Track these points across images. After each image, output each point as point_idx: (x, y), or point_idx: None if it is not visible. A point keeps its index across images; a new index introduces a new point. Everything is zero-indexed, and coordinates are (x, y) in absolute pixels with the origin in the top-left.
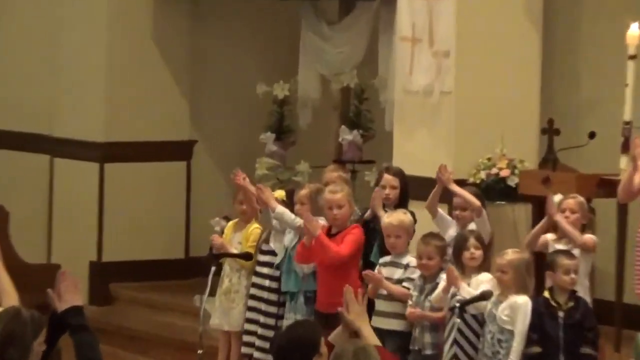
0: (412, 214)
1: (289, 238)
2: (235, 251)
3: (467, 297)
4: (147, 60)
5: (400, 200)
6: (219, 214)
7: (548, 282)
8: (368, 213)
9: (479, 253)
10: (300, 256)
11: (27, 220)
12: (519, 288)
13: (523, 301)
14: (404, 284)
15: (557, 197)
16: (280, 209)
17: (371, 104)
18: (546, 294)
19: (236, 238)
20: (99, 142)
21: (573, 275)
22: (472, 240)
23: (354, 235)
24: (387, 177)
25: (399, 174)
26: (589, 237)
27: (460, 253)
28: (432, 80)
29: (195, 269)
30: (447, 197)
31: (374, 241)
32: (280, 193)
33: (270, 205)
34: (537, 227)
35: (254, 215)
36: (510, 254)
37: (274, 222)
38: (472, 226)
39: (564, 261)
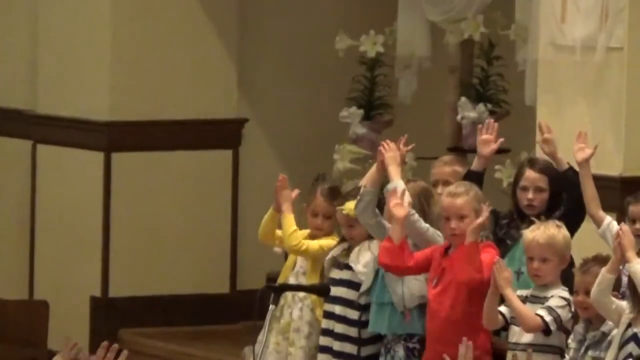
0: None
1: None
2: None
3: None
4: (168, 5)
5: (549, 207)
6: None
7: None
8: None
9: None
10: (387, 257)
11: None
12: None
13: None
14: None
15: None
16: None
17: (505, 66)
18: None
19: (304, 263)
20: (103, 122)
21: None
22: None
23: (491, 256)
24: (531, 175)
25: (548, 170)
26: None
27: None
28: (596, 30)
29: (245, 309)
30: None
31: None
32: (352, 207)
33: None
34: None
35: (331, 231)
36: None
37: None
38: None
39: None
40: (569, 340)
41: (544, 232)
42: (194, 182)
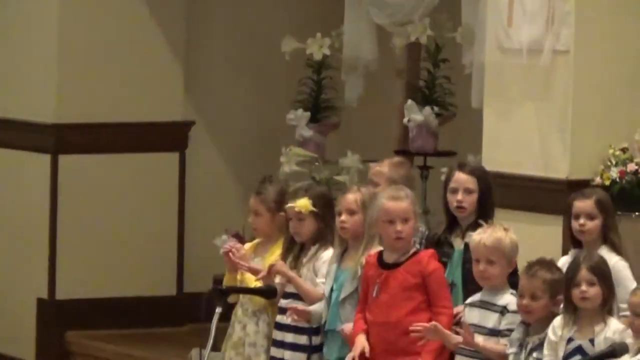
0: None
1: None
2: (254, 284)
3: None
4: (116, 7)
5: (480, 210)
6: (226, 230)
7: None
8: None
9: (594, 291)
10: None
11: None
12: None
13: None
14: (502, 340)
15: None
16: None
17: (451, 68)
18: None
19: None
20: (50, 124)
21: None
22: (583, 272)
23: (441, 276)
24: (460, 177)
25: (477, 172)
26: None
27: (569, 290)
28: (542, 33)
29: (192, 312)
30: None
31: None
32: (304, 203)
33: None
34: None
35: (280, 233)
36: None
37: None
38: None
39: None
40: (508, 349)
41: (490, 234)
42: (141, 185)
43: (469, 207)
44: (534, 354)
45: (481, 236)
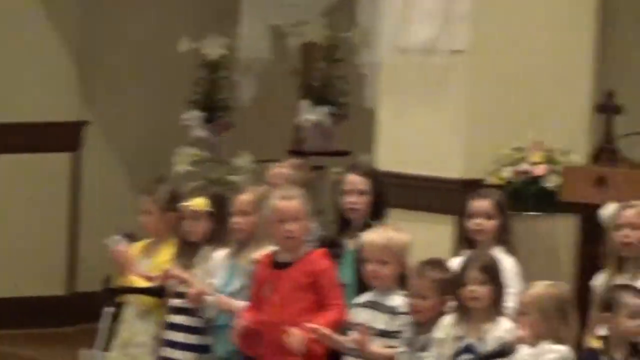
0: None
1: (223, 280)
2: (143, 284)
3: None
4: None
5: (373, 211)
6: (119, 230)
7: (598, 328)
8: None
9: (483, 291)
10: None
11: None
12: (547, 336)
13: (559, 355)
14: (392, 341)
15: (610, 208)
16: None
17: (346, 68)
18: (594, 342)
19: (147, 266)
20: None
21: None
22: (473, 272)
23: (333, 275)
24: (353, 179)
25: (369, 173)
26: None
27: (459, 289)
28: (438, 33)
29: (84, 311)
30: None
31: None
32: (200, 203)
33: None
34: None
35: (170, 233)
36: (538, 288)
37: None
38: (497, 253)
39: (632, 300)
40: (398, 349)
41: (381, 235)
42: (34, 185)
43: (361, 208)
44: (423, 354)
45: (372, 236)
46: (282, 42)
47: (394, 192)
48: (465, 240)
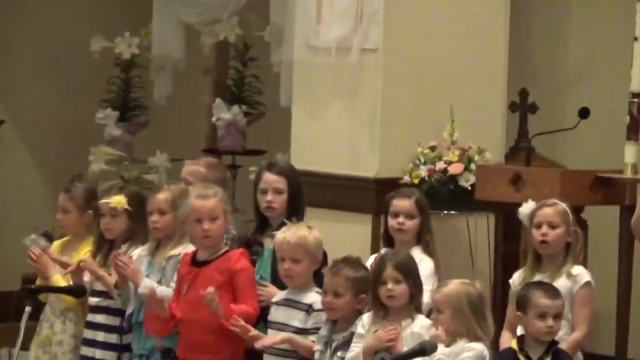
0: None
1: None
2: (62, 283)
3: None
4: None
5: (290, 210)
6: (36, 229)
7: (518, 328)
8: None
9: (400, 289)
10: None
11: None
12: (463, 334)
13: (474, 352)
14: (310, 337)
15: (528, 206)
16: (148, 283)
17: (260, 67)
18: (514, 343)
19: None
20: None
21: (551, 322)
22: (389, 270)
23: (250, 275)
24: (269, 178)
25: (286, 172)
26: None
27: (376, 288)
28: (351, 31)
29: (1, 311)
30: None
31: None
32: (120, 200)
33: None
34: None
35: (88, 231)
36: (452, 286)
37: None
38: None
39: (541, 300)
40: (315, 347)
41: (294, 233)
42: None
43: (278, 207)
44: (339, 353)
45: (285, 235)
46: (196, 41)
47: (310, 191)
48: (385, 239)
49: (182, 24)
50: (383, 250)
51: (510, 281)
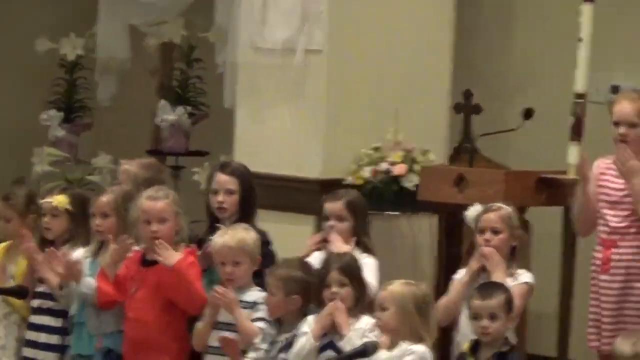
0: (263, 233)
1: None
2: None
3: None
4: None
5: (241, 211)
6: None
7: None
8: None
9: (345, 292)
10: (107, 298)
11: None
12: (406, 334)
13: (416, 355)
14: (259, 324)
15: (474, 209)
16: (91, 284)
17: (205, 68)
18: (465, 346)
19: (9, 270)
20: None
21: (484, 323)
22: (334, 274)
23: (197, 270)
24: (221, 178)
25: (238, 173)
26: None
27: (321, 290)
28: (295, 33)
29: None
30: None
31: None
32: (62, 199)
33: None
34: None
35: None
36: (395, 286)
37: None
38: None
39: (473, 301)
40: (256, 340)
41: (233, 236)
42: None
43: (230, 207)
44: (282, 355)
45: (223, 239)
46: (141, 42)
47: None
48: (325, 241)
49: (127, 25)
50: (320, 253)
51: (454, 276)
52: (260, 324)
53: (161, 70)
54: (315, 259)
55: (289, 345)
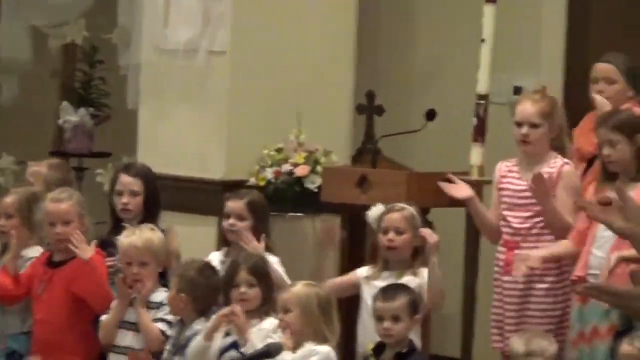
0: (163, 231)
1: None
2: None
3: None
4: None
5: (145, 212)
6: None
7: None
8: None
9: (253, 292)
10: (6, 293)
11: None
12: (310, 334)
13: (320, 356)
14: (159, 325)
15: (376, 210)
16: None
17: (107, 70)
18: (369, 347)
19: None
20: None
21: (386, 324)
22: (242, 274)
23: (103, 269)
24: (125, 179)
25: (142, 174)
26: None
27: (229, 291)
28: (198, 34)
29: None
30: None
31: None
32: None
33: None
34: None
35: None
36: (299, 287)
37: None
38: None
39: (376, 303)
40: (167, 346)
41: (140, 236)
42: None
43: (134, 209)
44: (176, 357)
45: (130, 239)
46: (43, 43)
47: None
48: (224, 241)
49: (30, 26)
50: (219, 253)
51: (357, 270)
52: (160, 325)
53: (63, 72)
54: (215, 258)
55: (186, 345)
